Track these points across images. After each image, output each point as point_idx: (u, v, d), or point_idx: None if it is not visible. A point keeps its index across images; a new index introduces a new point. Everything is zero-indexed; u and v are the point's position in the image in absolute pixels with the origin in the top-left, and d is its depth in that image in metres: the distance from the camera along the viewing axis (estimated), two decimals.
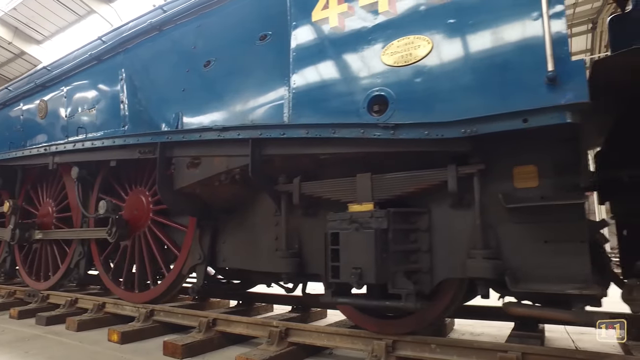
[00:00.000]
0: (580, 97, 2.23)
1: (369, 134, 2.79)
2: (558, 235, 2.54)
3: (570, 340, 3.73)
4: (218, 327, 3.79)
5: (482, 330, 4.20)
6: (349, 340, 3.17)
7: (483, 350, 2.67)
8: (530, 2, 2.43)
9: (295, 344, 3.34)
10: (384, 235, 2.79)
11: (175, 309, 4.28)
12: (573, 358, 2.42)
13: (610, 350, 3.20)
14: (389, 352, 2.91)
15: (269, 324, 3.53)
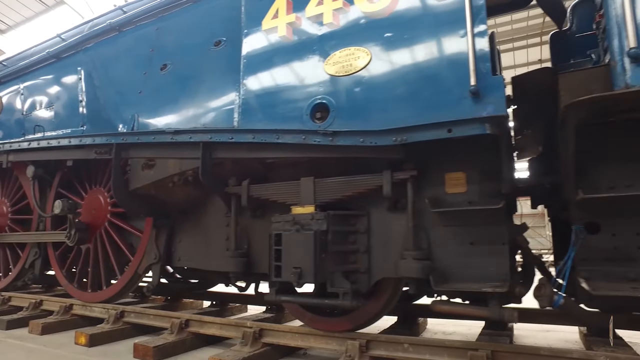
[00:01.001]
0: (499, 111, 2.41)
1: (309, 140, 2.93)
2: (482, 237, 2.73)
3: (537, 338, 3.91)
4: (191, 328, 3.75)
5: (454, 330, 4.34)
6: (323, 340, 3.19)
7: (454, 349, 2.74)
8: (457, 21, 2.60)
9: (269, 345, 3.35)
10: (324, 237, 2.93)
11: (147, 310, 4.22)
12: (538, 355, 2.53)
13: (572, 347, 3.41)
14: (363, 352, 2.93)
15: (243, 325, 3.51)
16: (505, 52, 18.59)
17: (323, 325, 3.32)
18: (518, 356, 2.58)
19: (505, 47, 17.86)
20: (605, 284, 2.38)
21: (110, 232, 4.58)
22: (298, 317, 3.55)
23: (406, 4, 2.82)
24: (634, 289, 2.27)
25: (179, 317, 3.84)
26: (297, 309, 3.52)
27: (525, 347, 2.69)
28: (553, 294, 2.52)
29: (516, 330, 3.88)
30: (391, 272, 2.94)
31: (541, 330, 4.13)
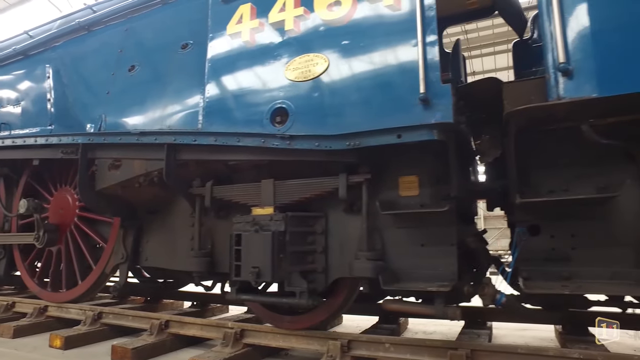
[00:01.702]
0: (446, 118, 2.55)
1: (268, 143, 3.04)
2: (432, 239, 2.88)
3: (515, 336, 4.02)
4: (171, 329, 3.73)
5: (435, 329, 4.43)
6: (304, 340, 3.21)
7: (435, 348, 2.79)
8: (410, 31, 2.73)
9: (250, 345, 3.36)
10: (282, 237, 3.04)
11: (126, 311, 4.18)
12: (516, 353, 2.60)
13: (548, 345, 3.54)
14: (344, 352, 2.96)
15: (224, 326, 3.51)
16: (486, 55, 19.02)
17: (284, 323, 3.43)
18: (496, 355, 2.66)
19: (486, 50, 18.27)
20: (538, 282, 2.55)
21: (77, 233, 4.62)
22: (260, 315, 3.66)
23: (363, 13, 2.95)
24: (564, 286, 2.43)
25: (159, 318, 3.82)
26: (259, 307, 3.62)
27: (503, 346, 2.78)
28: (496, 293, 2.67)
29: (495, 329, 4.02)
30: (346, 272, 3.06)
31: (519, 329, 4.28)
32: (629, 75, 2.17)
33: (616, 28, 2.22)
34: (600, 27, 2.25)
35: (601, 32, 2.25)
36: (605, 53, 2.23)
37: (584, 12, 2.29)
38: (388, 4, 2.87)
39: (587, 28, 2.28)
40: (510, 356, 2.60)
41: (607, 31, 2.24)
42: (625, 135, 2.50)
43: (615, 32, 2.22)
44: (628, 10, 2.21)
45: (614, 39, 2.22)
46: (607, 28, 2.24)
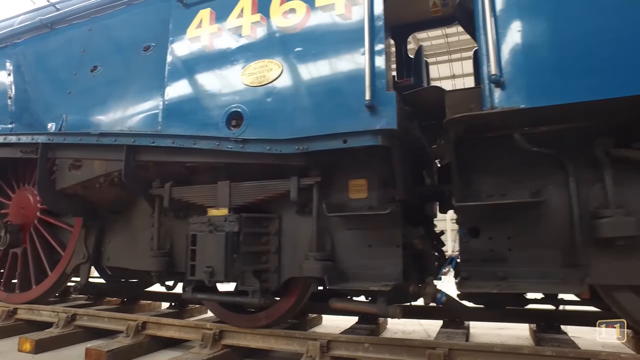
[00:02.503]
0: (390, 124, 2.69)
1: (223, 146, 3.15)
2: (379, 240, 3.02)
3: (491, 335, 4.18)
4: (148, 331, 3.70)
5: (413, 329, 4.54)
6: (284, 341, 3.24)
7: (413, 347, 2.85)
8: (359, 39, 2.87)
9: (229, 347, 3.36)
10: (236, 238, 3.15)
11: (101, 313, 4.12)
12: (492, 351, 2.68)
13: (523, 343, 3.70)
14: (324, 352, 3.00)
15: (203, 327, 3.51)
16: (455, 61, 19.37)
17: (240, 322, 3.54)
18: (473, 353, 2.73)
19: (455, 56, 18.61)
20: (475, 282, 2.71)
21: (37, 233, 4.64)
22: (218, 314, 3.76)
23: (316, 21, 3.08)
24: (497, 285, 2.60)
25: (136, 320, 3.78)
26: (217, 307, 3.73)
27: (480, 345, 2.87)
28: (436, 292, 2.83)
29: (472, 328, 4.17)
30: (297, 272, 3.19)
31: (495, 328, 4.44)
32: (554, 88, 2.35)
33: (544, 44, 2.40)
34: (529, 43, 2.42)
35: (530, 48, 2.42)
36: (533, 67, 2.40)
37: (515, 29, 2.46)
38: (339, 13, 3.00)
39: (518, 44, 2.45)
40: (487, 355, 2.69)
41: (535, 47, 2.41)
42: (557, 143, 2.68)
43: (543, 48, 2.39)
44: (554, 29, 2.38)
45: (542, 55, 2.39)
46: (536, 44, 2.41)
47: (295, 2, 3.18)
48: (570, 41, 2.34)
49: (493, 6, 2.52)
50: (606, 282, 2.62)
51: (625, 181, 2.58)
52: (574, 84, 2.30)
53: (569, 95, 2.31)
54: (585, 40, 2.31)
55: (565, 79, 2.32)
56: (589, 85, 2.27)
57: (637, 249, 2.52)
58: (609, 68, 2.24)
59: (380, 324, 4.27)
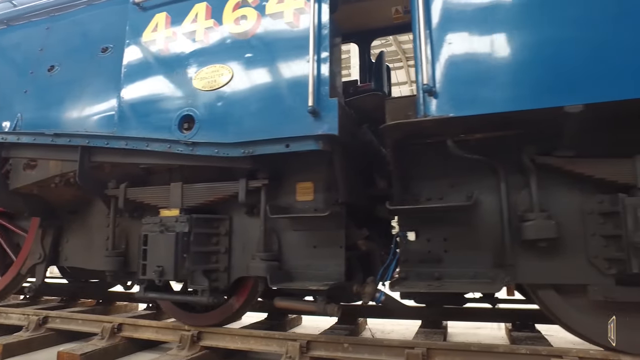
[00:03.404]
0: (331, 130, 2.85)
1: (174, 148, 3.27)
2: (323, 241, 3.19)
3: (468, 335, 4.35)
4: (124, 333, 3.72)
5: (392, 329, 4.67)
6: (263, 342, 3.29)
7: (392, 347, 2.93)
8: (306, 47, 3.02)
9: (208, 348, 3.40)
10: (186, 238, 3.28)
11: (74, 315, 4.09)
12: (469, 350, 2.81)
13: (499, 342, 3.83)
14: (303, 353, 3.07)
15: (181, 328, 3.54)
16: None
17: (192, 320, 3.67)
18: (451, 352, 2.85)
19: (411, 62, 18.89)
20: (409, 282, 2.89)
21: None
22: (171, 313, 3.88)
23: (266, 28, 3.22)
24: (429, 285, 2.78)
25: (111, 321, 3.79)
26: (170, 306, 3.85)
27: (457, 344, 3.00)
28: (375, 292, 3.00)
29: (450, 328, 4.33)
30: (246, 272, 3.33)
31: (472, 328, 4.61)
32: (480, 99, 2.53)
33: (472, 58, 2.58)
34: (459, 56, 2.60)
35: (460, 61, 2.60)
36: (462, 78, 2.58)
37: (446, 42, 2.64)
38: (288, 20, 3.15)
39: (449, 56, 2.63)
40: (464, 353, 2.82)
41: (464, 60, 2.59)
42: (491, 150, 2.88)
43: (471, 61, 2.58)
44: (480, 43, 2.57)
45: (470, 67, 2.58)
46: (465, 57, 2.60)
47: (247, 9, 3.32)
48: (493, 55, 2.53)
49: (427, 20, 2.70)
50: (531, 281, 2.83)
51: (548, 187, 2.79)
52: (497, 95, 2.49)
53: (492, 105, 2.50)
54: (506, 54, 2.50)
55: (490, 91, 2.51)
56: (510, 97, 2.46)
57: (558, 250, 2.73)
58: (527, 81, 2.44)
59: (359, 324, 4.39)
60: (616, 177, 2.59)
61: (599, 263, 2.66)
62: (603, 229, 2.66)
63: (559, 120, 2.46)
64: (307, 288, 2.90)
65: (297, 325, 4.89)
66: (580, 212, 2.74)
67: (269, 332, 3.39)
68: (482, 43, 2.57)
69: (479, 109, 2.51)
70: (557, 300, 2.81)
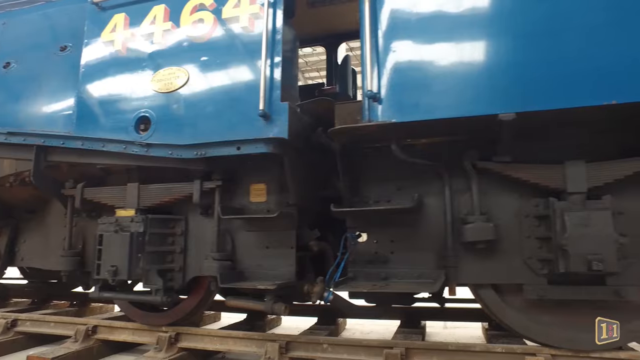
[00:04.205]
0: (281, 133, 2.98)
1: (129, 149, 3.36)
2: (275, 242, 3.32)
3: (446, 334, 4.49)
4: (99, 335, 3.70)
5: (372, 329, 4.76)
6: (242, 342, 3.32)
7: (371, 347, 3.00)
8: (259, 51, 3.14)
9: (186, 349, 3.41)
10: (141, 238, 3.37)
11: (46, 317, 4.04)
12: (447, 349, 2.91)
13: (476, 341, 3.93)
14: (283, 354, 3.12)
15: (158, 329, 3.55)
16: None
17: (148, 320, 3.76)
18: (429, 352, 2.94)
19: None
20: (353, 282, 3.04)
21: None
22: (127, 313, 3.96)
23: (222, 32, 3.33)
24: (373, 285, 2.93)
25: (86, 323, 3.75)
26: (127, 305, 3.93)
27: (435, 344, 3.09)
28: (324, 291, 3.14)
29: (428, 328, 4.45)
30: (200, 271, 3.45)
31: (451, 328, 4.75)
32: (423, 105, 2.69)
33: (414, 66, 2.74)
34: (402, 63, 2.76)
35: (403, 68, 2.76)
36: (405, 85, 2.74)
37: (390, 50, 2.79)
38: (243, 25, 3.27)
39: (393, 63, 2.78)
40: (442, 353, 2.92)
41: (408, 67, 2.75)
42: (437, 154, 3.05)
43: (414, 69, 2.74)
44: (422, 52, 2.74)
45: (412, 74, 2.74)
46: (408, 65, 2.75)
47: (204, 13, 3.43)
48: (435, 63, 2.69)
49: (374, 29, 2.85)
50: (472, 281, 3.00)
51: (489, 190, 2.97)
52: (438, 102, 2.65)
53: (434, 112, 2.66)
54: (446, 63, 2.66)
55: (431, 98, 2.67)
56: (450, 104, 2.63)
57: (496, 251, 2.92)
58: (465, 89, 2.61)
59: (339, 324, 4.48)
60: (549, 182, 2.78)
61: (533, 264, 2.85)
62: (537, 232, 2.85)
63: (496, 127, 2.63)
64: (256, 287, 3.02)
65: (276, 325, 4.97)
66: (518, 215, 2.93)
67: (248, 333, 3.44)
68: (425, 52, 2.73)
69: (420, 115, 2.67)
70: (496, 300, 2.99)
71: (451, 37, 2.69)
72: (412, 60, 2.75)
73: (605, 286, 2.71)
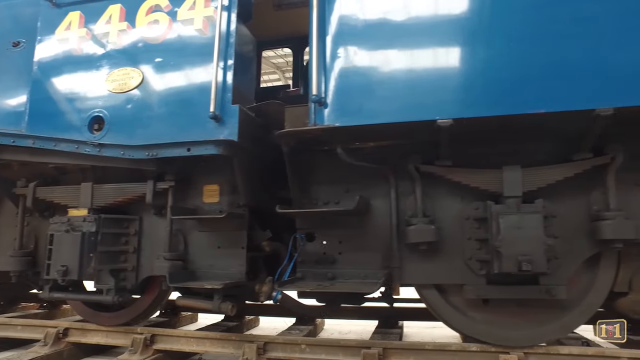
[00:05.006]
0: (231, 135, 3.08)
1: (82, 149, 3.42)
2: (226, 242, 3.43)
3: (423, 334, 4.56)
4: (70, 338, 3.67)
5: (350, 329, 4.86)
6: (219, 344, 3.36)
7: (349, 347, 3.07)
8: (211, 54, 3.24)
9: (161, 351, 3.42)
10: (93, 237, 3.44)
11: (13, 320, 3.99)
12: (424, 349, 3.00)
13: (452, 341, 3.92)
14: (260, 355, 3.16)
15: (133, 331, 3.55)
16: None
17: (102, 320, 3.82)
18: (406, 352, 3.02)
19: None
20: (300, 282, 3.16)
21: None
22: (81, 314, 4.01)
23: (176, 34, 3.42)
24: (318, 285, 3.06)
25: (56, 326, 3.72)
26: (81, 306, 3.98)
27: (412, 343, 3.18)
28: (272, 291, 3.26)
29: (406, 328, 4.54)
30: (152, 271, 3.53)
31: (427, 327, 4.83)
32: (365, 110, 2.82)
33: (358, 71, 2.88)
34: (347, 69, 2.89)
35: (348, 73, 2.89)
36: (349, 90, 2.87)
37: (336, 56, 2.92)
38: (197, 27, 3.37)
39: (338, 69, 2.91)
40: (419, 352, 3.01)
41: (352, 73, 2.88)
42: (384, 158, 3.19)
43: (358, 74, 2.87)
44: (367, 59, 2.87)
45: (357, 80, 2.87)
46: (353, 70, 2.89)
47: (160, 14, 3.51)
48: (378, 70, 2.83)
49: (321, 34, 2.98)
50: (415, 281, 3.16)
51: (433, 194, 3.13)
52: (380, 107, 2.79)
53: (375, 117, 2.79)
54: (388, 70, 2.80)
55: (374, 103, 2.80)
56: (391, 109, 2.76)
57: (439, 252, 3.07)
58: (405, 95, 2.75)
59: (317, 324, 4.56)
60: (487, 186, 2.95)
61: (472, 264, 3.01)
62: (477, 234, 3.01)
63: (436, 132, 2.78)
64: (203, 287, 3.12)
65: (254, 326, 5.03)
66: (460, 217, 3.09)
67: (225, 334, 3.49)
68: (369, 58, 2.87)
69: (363, 119, 2.80)
70: (439, 300, 3.14)
71: (394, 45, 2.83)
72: (356, 66, 2.88)
73: (539, 285, 2.89)
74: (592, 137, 2.71)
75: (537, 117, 2.57)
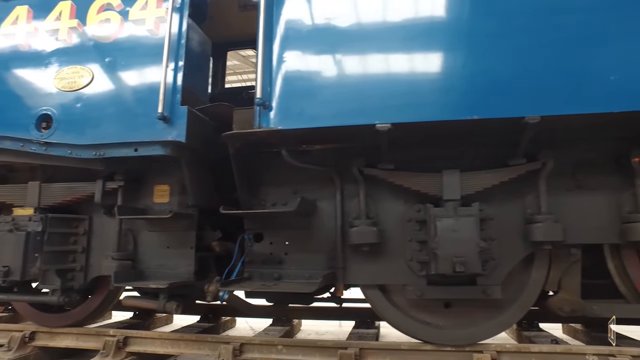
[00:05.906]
0: (179, 137, 3.16)
1: (27, 147, 3.46)
2: (175, 242, 3.51)
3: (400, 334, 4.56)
4: (37, 342, 3.64)
5: (327, 330, 4.91)
6: (195, 345, 3.39)
7: (326, 348, 3.14)
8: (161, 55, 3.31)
9: (135, 354, 3.44)
10: (39, 237, 3.47)
11: None
12: (399, 349, 3.09)
13: None
14: (237, 356, 3.20)
15: (105, 334, 3.54)
16: None
17: (51, 321, 3.85)
18: (382, 352, 3.11)
19: None
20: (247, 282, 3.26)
21: None
22: (28, 316, 4.03)
23: (127, 33, 3.48)
24: (263, 285, 3.16)
25: (22, 330, 3.69)
26: (27, 308, 4.00)
27: (388, 344, 3.26)
28: (219, 291, 3.34)
29: (382, 328, 4.58)
30: (101, 271, 3.58)
31: None
32: (307, 114, 2.93)
33: (301, 76, 2.99)
34: (291, 73, 3.00)
35: (291, 77, 3.00)
36: (292, 94, 2.97)
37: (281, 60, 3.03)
38: (149, 28, 3.44)
39: (283, 73, 3.02)
40: (395, 352, 3.10)
41: (295, 77, 2.99)
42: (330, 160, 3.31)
43: (301, 78, 2.98)
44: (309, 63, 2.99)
45: (300, 84, 2.98)
46: (296, 75, 3.00)
47: (111, 13, 3.56)
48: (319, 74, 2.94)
49: (267, 38, 3.08)
50: (358, 282, 3.29)
51: (376, 196, 3.26)
52: (321, 111, 2.90)
53: (316, 120, 2.90)
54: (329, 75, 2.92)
55: (315, 107, 2.91)
56: (331, 113, 2.88)
57: (382, 253, 3.21)
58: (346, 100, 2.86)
59: (294, 325, 4.63)
60: (427, 190, 3.09)
61: (413, 265, 3.15)
62: (418, 235, 3.15)
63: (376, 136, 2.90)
64: (148, 286, 3.20)
65: (230, 327, 5.07)
66: (402, 219, 3.22)
67: (201, 336, 3.53)
68: (311, 63, 2.99)
69: (305, 122, 2.92)
70: (381, 300, 3.27)
71: (336, 50, 2.96)
72: (300, 70, 3.00)
73: (476, 286, 3.04)
74: (524, 144, 2.87)
75: (470, 123, 2.72)
